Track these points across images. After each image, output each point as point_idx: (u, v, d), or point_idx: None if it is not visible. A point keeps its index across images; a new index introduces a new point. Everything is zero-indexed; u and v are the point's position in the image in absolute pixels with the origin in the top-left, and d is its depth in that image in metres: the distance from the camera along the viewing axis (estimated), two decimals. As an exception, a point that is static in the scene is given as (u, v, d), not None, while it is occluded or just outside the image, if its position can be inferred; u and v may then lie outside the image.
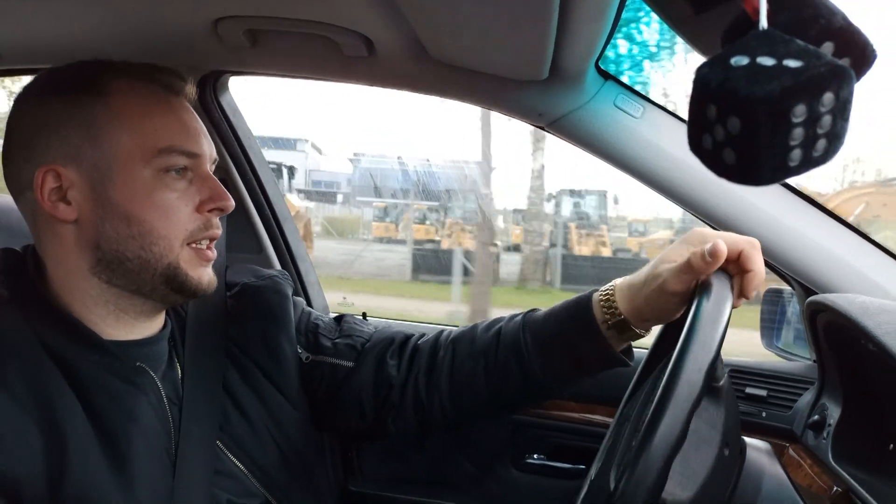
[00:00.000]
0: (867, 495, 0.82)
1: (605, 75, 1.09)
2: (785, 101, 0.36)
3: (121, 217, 0.79)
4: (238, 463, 0.88)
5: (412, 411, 0.99)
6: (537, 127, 1.16)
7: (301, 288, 1.54)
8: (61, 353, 0.78)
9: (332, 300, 1.67)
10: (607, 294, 0.88)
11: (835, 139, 0.39)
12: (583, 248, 11.71)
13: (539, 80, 1.06)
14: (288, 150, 15.22)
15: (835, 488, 0.91)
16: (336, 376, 1.00)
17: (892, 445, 0.88)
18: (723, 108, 0.39)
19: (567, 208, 12.41)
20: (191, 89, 0.88)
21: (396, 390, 0.99)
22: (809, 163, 0.39)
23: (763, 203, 1.05)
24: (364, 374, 1.00)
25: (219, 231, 0.87)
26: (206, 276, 0.86)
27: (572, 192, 12.37)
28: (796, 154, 0.38)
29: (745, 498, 0.73)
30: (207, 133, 0.88)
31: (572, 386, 0.96)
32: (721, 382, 0.74)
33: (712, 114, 0.39)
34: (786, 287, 1.26)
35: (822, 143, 0.39)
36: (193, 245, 0.84)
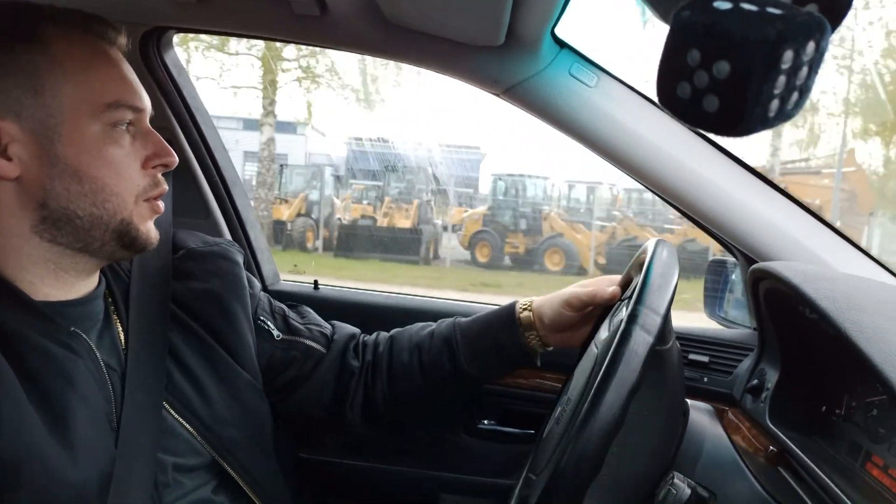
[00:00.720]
0: (800, 453, 0.86)
1: (561, 43, 1.09)
2: (779, 45, 0.36)
3: (71, 174, 0.76)
4: (184, 422, 0.86)
5: (361, 405, 1.08)
6: (493, 94, 1.15)
7: (251, 255, 1.51)
8: None
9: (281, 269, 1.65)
10: (527, 302, 1.07)
11: (805, 92, 0.39)
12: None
13: (495, 45, 1.05)
14: (287, 134, 14.80)
15: (770, 448, 0.95)
16: (308, 359, 1.06)
17: (824, 408, 0.92)
18: (709, 52, 0.38)
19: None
20: (123, 40, 0.84)
21: (353, 383, 1.08)
22: (782, 115, 0.38)
23: (711, 174, 1.07)
24: (332, 362, 1.07)
25: (166, 186, 0.85)
26: (153, 230, 0.85)
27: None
28: (775, 105, 0.38)
29: (689, 456, 0.76)
30: (141, 85, 0.85)
31: (492, 375, 1.11)
32: (669, 345, 0.76)
33: (694, 59, 0.38)
34: (729, 258, 1.30)
35: (795, 96, 0.38)
36: (144, 201, 0.82)
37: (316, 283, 1.54)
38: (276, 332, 1.04)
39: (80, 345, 0.80)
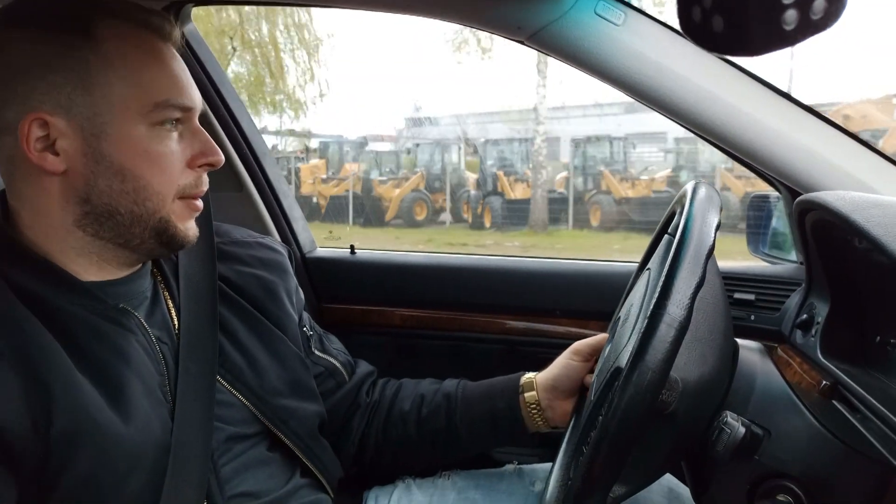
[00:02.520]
0: (854, 385, 0.84)
1: (585, -18, 1.05)
2: None
3: (115, 172, 0.77)
4: (237, 393, 0.89)
5: (358, 439, 1.09)
6: (517, 41, 1.12)
7: (286, 224, 1.53)
8: (35, 293, 0.76)
9: (317, 235, 1.66)
10: (534, 374, 1.06)
11: None
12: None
13: (516, -11, 1.02)
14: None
15: (823, 382, 0.94)
16: (331, 379, 1.07)
17: (877, 338, 0.90)
18: None
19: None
20: (178, 33, 0.83)
21: (358, 417, 1.09)
22: (808, 27, 0.35)
23: (748, 106, 1.03)
24: (349, 392, 1.08)
25: (206, 186, 0.85)
26: (192, 228, 0.85)
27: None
28: (791, 15, 0.35)
29: (740, 395, 0.75)
30: (193, 81, 0.84)
31: (487, 446, 1.12)
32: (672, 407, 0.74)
33: None
34: (771, 192, 1.26)
35: (820, 3, 0.35)
36: (183, 199, 0.82)
37: (352, 247, 1.56)
38: (314, 344, 1.05)
39: (130, 320, 0.82)
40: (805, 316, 1.04)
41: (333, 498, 0.99)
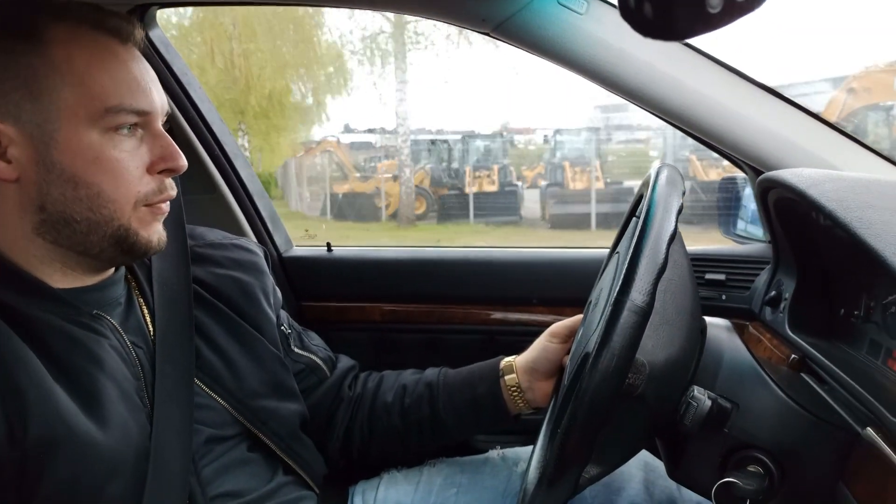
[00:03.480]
0: (821, 357, 0.87)
1: (546, -28, 1.06)
2: None
3: (67, 180, 0.75)
4: (216, 396, 0.89)
5: (342, 433, 1.10)
6: (482, 33, 1.13)
7: (261, 224, 1.52)
8: (6, 303, 0.74)
9: (294, 234, 1.66)
10: (512, 358, 1.07)
11: None
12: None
13: (479, -19, 1.02)
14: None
15: (791, 356, 0.96)
16: (313, 375, 1.08)
17: (842, 311, 0.93)
18: None
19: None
20: (140, 34, 0.81)
21: (342, 412, 1.10)
22: (734, 10, 0.36)
23: (710, 89, 1.05)
24: (330, 387, 1.09)
25: (174, 192, 0.82)
26: (156, 234, 0.82)
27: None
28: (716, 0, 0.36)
29: (708, 371, 0.77)
30: (158, 83, 0.81)
31: (471, 431, 1.13)
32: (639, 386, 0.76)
33: None
34: (739, 174, 1.29)
35: None
36: (148, 206, 0.80)
37: (329, 245, 1.56)
38: (293, 342, 1.06)
39: (105, 326, 0.81)
40: (773, 293, 1.07)
41: (319, 494, 1.00)
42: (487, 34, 1.12)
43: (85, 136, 0.74)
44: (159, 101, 0.80)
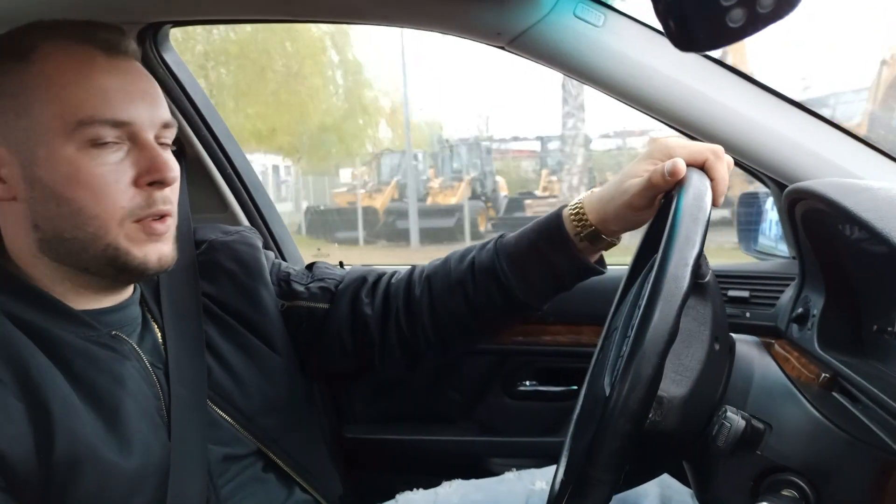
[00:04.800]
0: (854, 375, 0.83)
1: (562, -15, 1.05)
2: None
3: (49, 197, 0.74)
4: (225, 415, 0.88)
5: (398, 347, 1.00)
6: (497, 48, 1.12)
7: (272, 242, 1.51)
8: (31, 322, 0.75)
9: (306, 253, 1.65)
10: (576, 208, 0.90)
11: None
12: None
13: (494, -6, 1.01)
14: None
15: (822, 375, 0.92)
16: (313, 319, 1.01)
17: (874, 327, 0.89)
18: None
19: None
20: (134, 47, 0.80)
21: (374, 328, 1.00)
22: (758, 21, 0.35)
23: (732, 101, 1.03)
24: (341, 314, 1.00)
25: (167, 207, 0.79)
26: (153, 252, 0.78)
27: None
28: (737, 14, 0.35)
29: (738, 390, 0.74)
30: (154, 94, 0.80)
31: (551, 300, 0.99)
32: (707, 279, 0.73)
33: None
34: (759, 189, 1.26)
35: None
36: (136, 222, 0.77)
37: (341, 264, 1.54)
38: (280, 303, 1.00)
39: (124, 346, 0.81)
40: (801, 310, 1.03)
41: None
42: (503, 48, 1.10)
43: (61, 151, 0.73)
44: (147, 110, 0.77)
